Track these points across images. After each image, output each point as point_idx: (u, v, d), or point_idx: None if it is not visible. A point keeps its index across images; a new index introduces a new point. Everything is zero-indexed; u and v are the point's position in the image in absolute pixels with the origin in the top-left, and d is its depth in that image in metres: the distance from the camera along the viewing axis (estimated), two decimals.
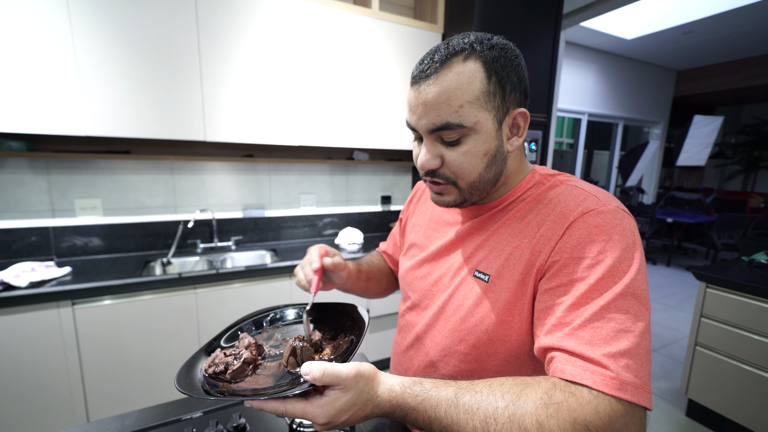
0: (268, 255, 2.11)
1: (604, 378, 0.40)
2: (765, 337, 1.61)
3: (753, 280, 1.67)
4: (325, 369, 0.41)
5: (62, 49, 1.46)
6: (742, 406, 1.70)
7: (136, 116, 1.60)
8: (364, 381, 0.43)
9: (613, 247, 0.46)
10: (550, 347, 0.46)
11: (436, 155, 0.54)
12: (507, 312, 0.54)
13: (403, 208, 0.88)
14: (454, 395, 0.43)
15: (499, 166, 0.56)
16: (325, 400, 0.42)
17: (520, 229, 0.55)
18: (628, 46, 4.25)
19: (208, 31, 1.67)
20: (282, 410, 0.42)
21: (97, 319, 1.47)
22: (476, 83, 0.50)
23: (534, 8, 2.08)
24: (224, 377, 0.49)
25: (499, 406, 0.41)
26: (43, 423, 1.44)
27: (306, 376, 0.41)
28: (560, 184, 0.56)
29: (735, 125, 6.76)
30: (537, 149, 2.29)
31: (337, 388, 0.42)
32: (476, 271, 0.59)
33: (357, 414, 0.43)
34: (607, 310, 0.43)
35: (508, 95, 0.52)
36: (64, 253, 1.80)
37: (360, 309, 0.60)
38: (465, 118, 0.50)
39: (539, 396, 0.41)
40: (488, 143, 0.53)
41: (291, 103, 1.90)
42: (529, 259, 0.52)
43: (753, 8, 3.29)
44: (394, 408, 0.44)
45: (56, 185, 1.76)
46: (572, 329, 0.44)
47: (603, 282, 0.45)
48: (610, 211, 0.49)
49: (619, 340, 0.42)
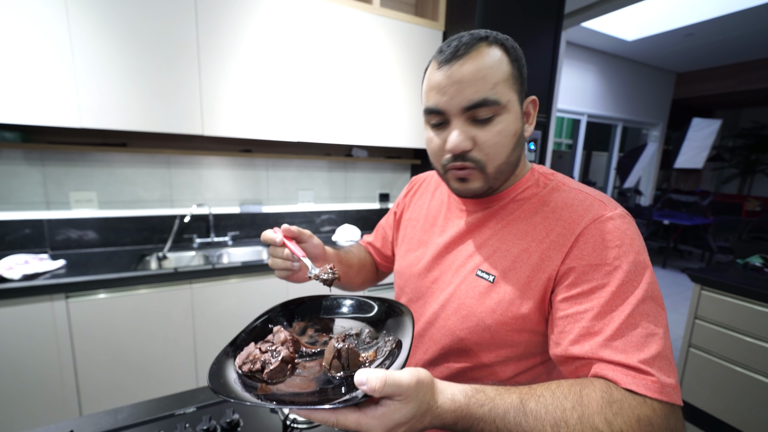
0: (265, 251, 2.10)
1: (646, 382, 0.42)
2: (758, 339, 1.62)
3: (747, 282, 1.68)
4: (386, 379, 0.36)
5: (58, 39, 1.44)
6: (735, 408, 1.71)
7: (133, 109, 1.59)
8: (424, 390, 0.39)
9: (626, 252, 0.48)
10: (582, 357, 0.47)
11: (468, 136, 0.54)
12: (511, 314, 0.54)
13: (397, 201, 0.86)
14: (519, 402, 0.42)
15: (520, 149, 0.58)
16: (382, 410, 0.37)
17: (526, 231, 0.56)
18: (629, 47, 4.26)
19: (208, 24, 1.65)
20: (333, 421, 0.38)
21: (91, 312, 1.46)
22: (504, 65, 0.53)
23: (535, 7, 2.07)
24: (261, 377, 0.45)
25: (566, 407, 0.41)
26: (35, 417, 1.43)
27: (362, 387, 0.37)
28: (562, 185, 0.58)
29: (733, 128, 6.79)
30: (536, 149, 2.29)
31: (397, 398, 0.38)
32: (479, 270, 0.59)
33: (415, 426, 0.39)
34: (633, 317, 0.45)
35: (524, 82, 0.56)
36: (59, 245, 1.79)
37: (402, 306, 0.55)
38: (501, 95, 0.52)
39: (599, 395, 0.42)
40: (516, 124, 0.55)
41: (290, 99, 1.89)
42: (538, 264, 0.53)
43: (752, 12, 3.29)
44: (457, 419, 0.40)
45: (51, 177, 1.74)
46: (605, 340, 0.45)
47: (624, 288, 0.46)
48: (619, 215, 0.51)
49: (649, 345, 0.44)
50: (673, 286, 4.17)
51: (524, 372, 0.59)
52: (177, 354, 1.65)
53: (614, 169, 5.30)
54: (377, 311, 0.58)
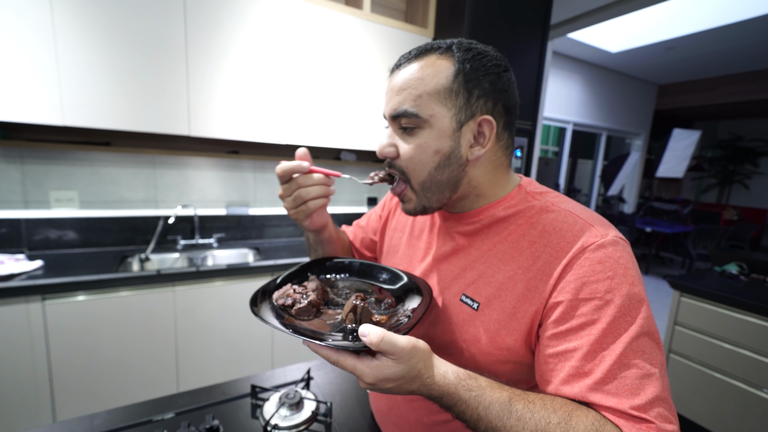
0: (251, 253, 2.08)
1: (641, 428, 0.40)
2: (735, 345, 1.67)
3: (724, 290, 1.73)
4: (384, 336, 0.41)
5: (42, 35, 1.41)
6: (713, 413, 1.76)
7: (118, 107, 1.56)
8: (418, 357, 0.43)
9: (619, 284, 0.44)
10: (573, 398, 0.45)
11: (392, 143, 0.56)
12: (495, 342, 0.52)
13: (384, 200, 0.82)
14: (508, 400, 0.43)
15: (455, 170, 0.54)
16: (376, 363, 0.42)
17: (512, 257, 0.53)
18: (613, 59, 4.37)
19: (197, 24, 1.64)
20: (334, 359, 0.42)
21: (68, 315, 1.42)
22: (440, 78, 0.51)
23: (523, 17, 2.11)
24: (290, 311, 0.52)
25: (551, 421, 0.41)
26: (6, 423, 1.38)
27: (363, 338, 0.41)
28: (552, 206, 0.53)
29: (712, 139, 7.02)
30: (522, 156, 2.33)
31: (391, 356, 0.41)
32: (463, 296, 0.56)
33: (403, 386, 0.43)
34: (626, 356, 0.42)
35: (474, 99, 0.51)
36: (37, 246, 1.74)
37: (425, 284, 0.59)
38: (421, 108, 0.51)
39: (590, 422, 0.41)
40: (441, 141, 0.52)
41: (279, 102, 1.88)
42: (524, 294, 0.50)
43: (730, 28, 3.42)
44: (442, 394, 0.43)
45: (30, 176, 1.69)
46: (595, 383, 0.43)
47: (616, 324, 0.43)
48: (610, 242, 0.47)
49: (645, 388, 0.42)
50: (655, 292, 4.26)
51: None
52: (158, 359, 1.61)
53: (599, 177, 5.41)
54: (403, 285, 0.62)
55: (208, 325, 1.70)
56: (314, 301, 0.53)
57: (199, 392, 0.81)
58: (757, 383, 1.60)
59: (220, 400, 0.78)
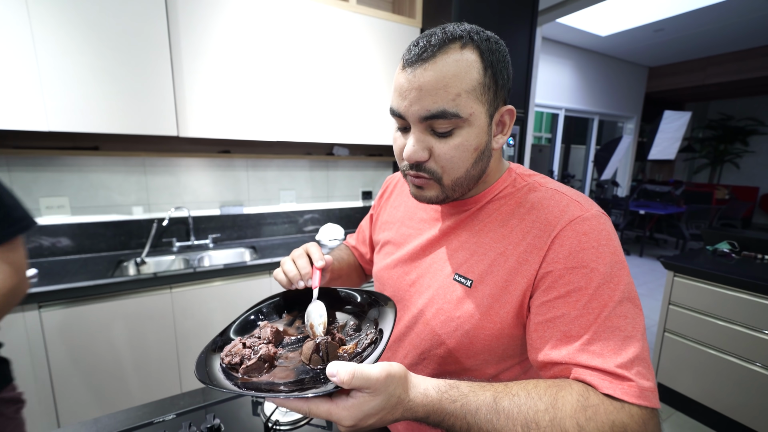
0: (248, 252, 2.07)
1: (624, 387, 0.42)
2: (728, 322, 1.70)
3: (716, 268, 1.75)
4: (354, 372, 0.38)
5: (19, 37, 1.38)
6: (708, 389, 1.79)
7: (103, 110, 1.54)
8: (395, 384, 0.40)
9: (603, 252, 0.47)
10: (560, 362, 0.47)
11: (425, 147, 0.51)
12: (489, 317, 0.54)
13: (374, 203, 0.86)
14: (492, 399, 0.42)
15: (485, 163, 0.55)
16: (352, 402, 0.39)
17: (503, 235, 0.55)
18: (603, 42, 4.36)
19: (179, 21, 1.61)
20: (306, 410, 0.40)
21: (66, 322, 1.42)
22: (474, 73, 0.48)
23: (510, 3, 2.10)
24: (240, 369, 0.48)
25: (539, 409, 0.41)
26: None
27: (333, 378, 0.38)
28: (539, 186, 0.56)
29: (702, 120, 7.06)
30: (515, 144, 2.33)
31: (366, 391, 0.39)
32: (457, 274, 0.58)
33: (386, 417, 0.40)
34: (610, 320, 0.45)
35: (499, 90, 0.51)
36: (30, 254, 1.72)
37: (389, 300, 0.56)
38: (462, 107, 0.48)
39: (575, 399, 0.42)
40: (480, 138, 0.51)
41: (269, 98, 1.86)
42: (515, 268, 0.52)
43: (718, 8, 3.42)
44: (428, 413, 0.42)
45: (18, 183, 1.67)
46: (582, 344, 0.45)
47: (601, 290, 0.46)
48: (594, 216, 0.50)
49: (627, 348, 0.44)
50: (650, 273, 4.32)
51: (503, 372, 0.59)
52: (159, 361, 1.61)
53: (592, 161, 5.43)
54: (362, 303, 0.60)
55: (207, 325, 1.70)
56: (265, 355, 0.48)
57: (200, 392, 0.81)
58: (750, 358, 1.63)
59: (221, 399, 0.78)
